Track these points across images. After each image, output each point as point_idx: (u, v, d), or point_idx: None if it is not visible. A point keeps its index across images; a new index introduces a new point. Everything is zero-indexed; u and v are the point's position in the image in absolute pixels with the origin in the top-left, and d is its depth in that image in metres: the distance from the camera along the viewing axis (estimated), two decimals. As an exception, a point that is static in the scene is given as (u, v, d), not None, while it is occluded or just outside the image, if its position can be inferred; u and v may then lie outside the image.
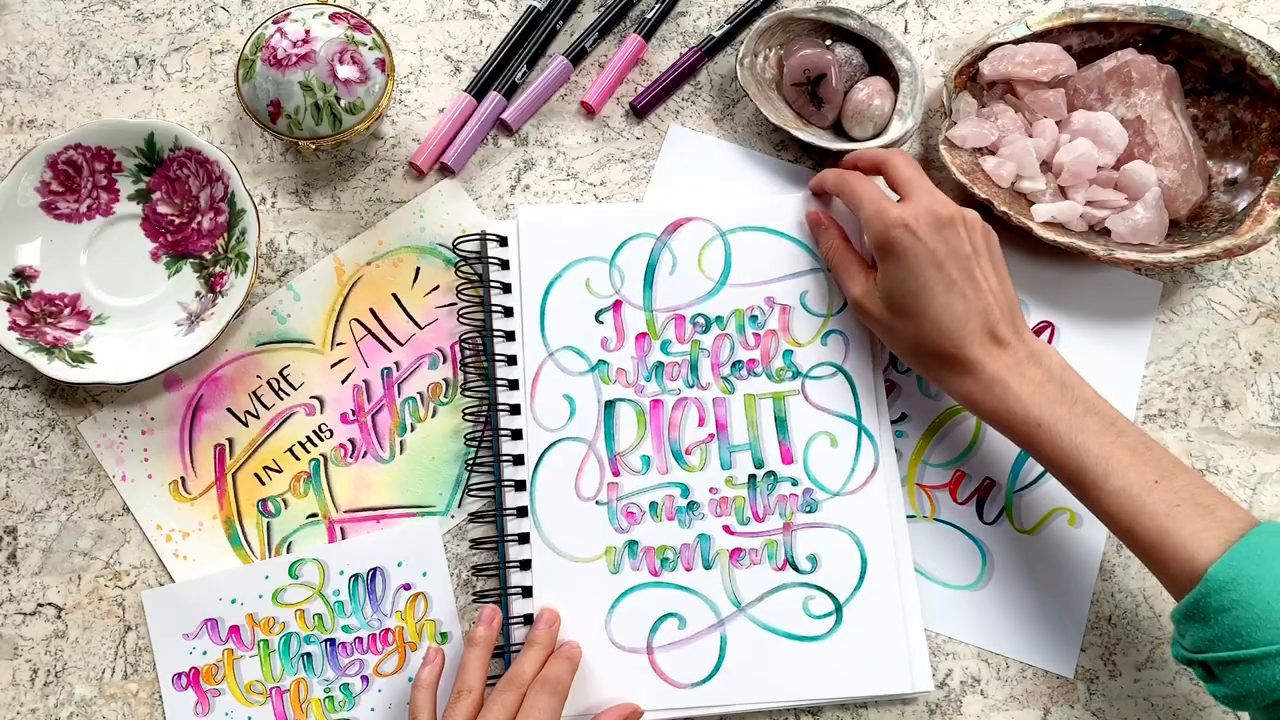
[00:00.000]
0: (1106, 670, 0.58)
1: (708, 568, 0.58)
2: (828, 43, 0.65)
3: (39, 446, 0.62)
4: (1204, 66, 0.63)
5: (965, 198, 0.63)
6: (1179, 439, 0.61)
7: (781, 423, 0.59)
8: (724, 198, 0.64)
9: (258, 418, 0.62)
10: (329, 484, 0.61)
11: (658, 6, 0.67)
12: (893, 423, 0.61)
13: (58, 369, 0.59)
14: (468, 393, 0.62)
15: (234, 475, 0.61)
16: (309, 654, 0.59)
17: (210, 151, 0.61)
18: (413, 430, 0.62)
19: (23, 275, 0.62)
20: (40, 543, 0.61)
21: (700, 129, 0.66)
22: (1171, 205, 0.61)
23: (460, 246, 0.63)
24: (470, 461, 0.61)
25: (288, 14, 0.59)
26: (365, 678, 0.58)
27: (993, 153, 0.63)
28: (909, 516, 0.59)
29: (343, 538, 0.60)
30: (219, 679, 0.58)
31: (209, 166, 0.62)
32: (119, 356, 0.61)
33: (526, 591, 0.58)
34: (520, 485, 0.59)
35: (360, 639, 0.59)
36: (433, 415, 0.62)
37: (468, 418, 0.61)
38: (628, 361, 0.60)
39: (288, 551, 0.60)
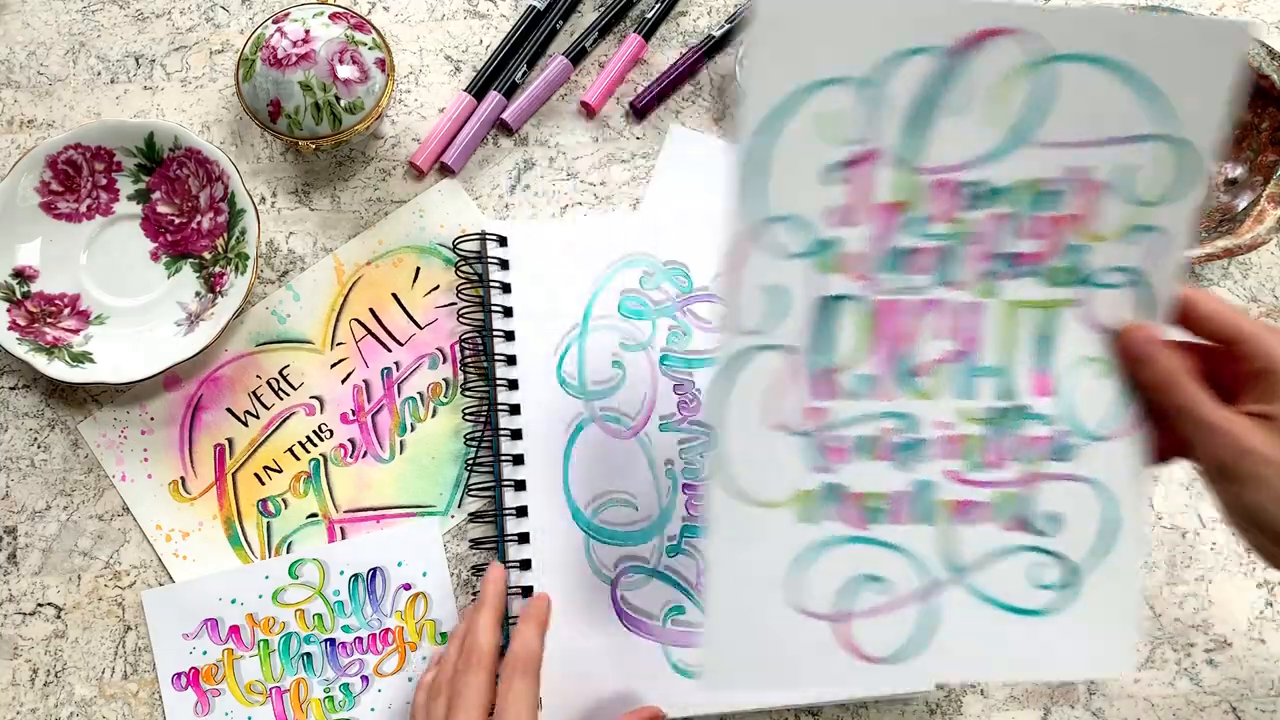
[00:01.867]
0: (1106, 670, 0.58)
1: (924, 523, 0.45)
2: (828, 42, 0.65)
3: (39, 446, 0.62)
4: (1204, 66, 0.63)
5: (965, 197, 0.63)
6: (1179, 439, 0.61)
7: (1045, 342, 0.45)
8: (1058, 7, 0.45)
9: (258, 418, 0.62)
10: (329, 484, 0.61)
11: (658, 6, 0.67)
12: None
13: (57, 369, 0.59)
14: (468, 393, 0.62)
15: (234, 475, 0.61)
16: (309, 654, 0.59)
17: (210, 151, 0.61)
18: (413, 430, 0.62)
19: (22, 275, 0.62)
20: (40, 543, 0.61)
21: (700, 129, 0.66)
22: (1171, 205, 0.61)
23: (460, 246, 0.63)
24: (470, 461, 0.61)
25: (288, 14, 0.60)
26: (365, 678, 0.58)
27: (993, 152, 0.63)
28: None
29: (343, 538, 0.60)
30: (219, 679, 0.58)
31: (209, 166, 0.62)
32: (119, 356, 0.61)
33: (526, 591, 0.58)
34: (520, 485, 0.59)
35: (360, 639, 0.59)
36: (433, 415, 0.62)
37: (468, 418, 0.61)
38: (864, 243, 0.43)
39: (288, 551, 0.60)
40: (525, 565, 0.58)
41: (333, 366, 0.62)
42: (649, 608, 0.58)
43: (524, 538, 0.58)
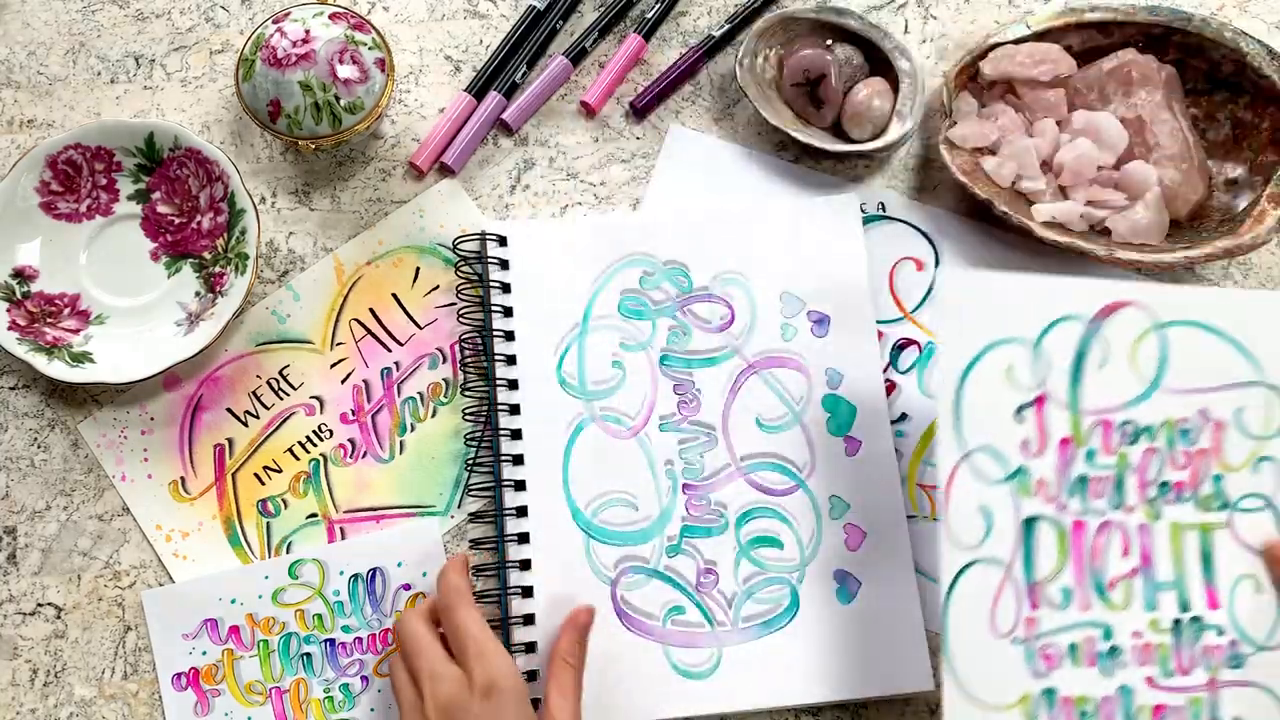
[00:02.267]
0: (1107, 670, 0.58)
1: None
2: (828, 43, 0.65)
3: (39, 446, 0.62)
4: (1204, 66, 0.63)
5: (965, 198, 0.63)
6: (1179, 439, 0.61)
7: (1208, 559, 0.51)
8: (1162, 284, 0.55)
9: (257, 418, 0.62)
10: (329, 484, 0.61)
11: (658, 6, 0.67)
12: (893, 423, 0.61)
13: (57, 369, 0.59)
14: (467, 393, 0.62)
15: (234, 475, 0.61)
16: (309, 654, 0.59)
17: (210, 151, 0.61)
18: (412, 430, 0.62)
19: (22, 275, 0.62)
20: (40, 543, 0.61)
21: (700, 129, 0.66)
22: (1171, 205, 0.61)
23: (460, 246, 0.63)
24: (470, 461, 0.61)
25: (288, 14, 0.60)
26: (365, 678, 0.58)
27: (993, 153, 0.63)
28: (909, 516, 0.59)
29: (342, 538, 0.60)
30: (219, 679, 0.58)
31: (209, 166, 0.62)
32: (119, 356, 0.61)
33: (527, 591, 0.58)
34: (520, 485, 0.59)
35: (360, 639, 0.59)
36: (433, 415, 0.62)
37: (468, 418, 0.61)
38: (1049, 471, 0.51)
39: (287, 551, 0.60)
40: (525, 565, 0.58)
41: (333, 366, 0.62)
42: (649, 608, 0.58)
43: (524, 538, 0.58)
